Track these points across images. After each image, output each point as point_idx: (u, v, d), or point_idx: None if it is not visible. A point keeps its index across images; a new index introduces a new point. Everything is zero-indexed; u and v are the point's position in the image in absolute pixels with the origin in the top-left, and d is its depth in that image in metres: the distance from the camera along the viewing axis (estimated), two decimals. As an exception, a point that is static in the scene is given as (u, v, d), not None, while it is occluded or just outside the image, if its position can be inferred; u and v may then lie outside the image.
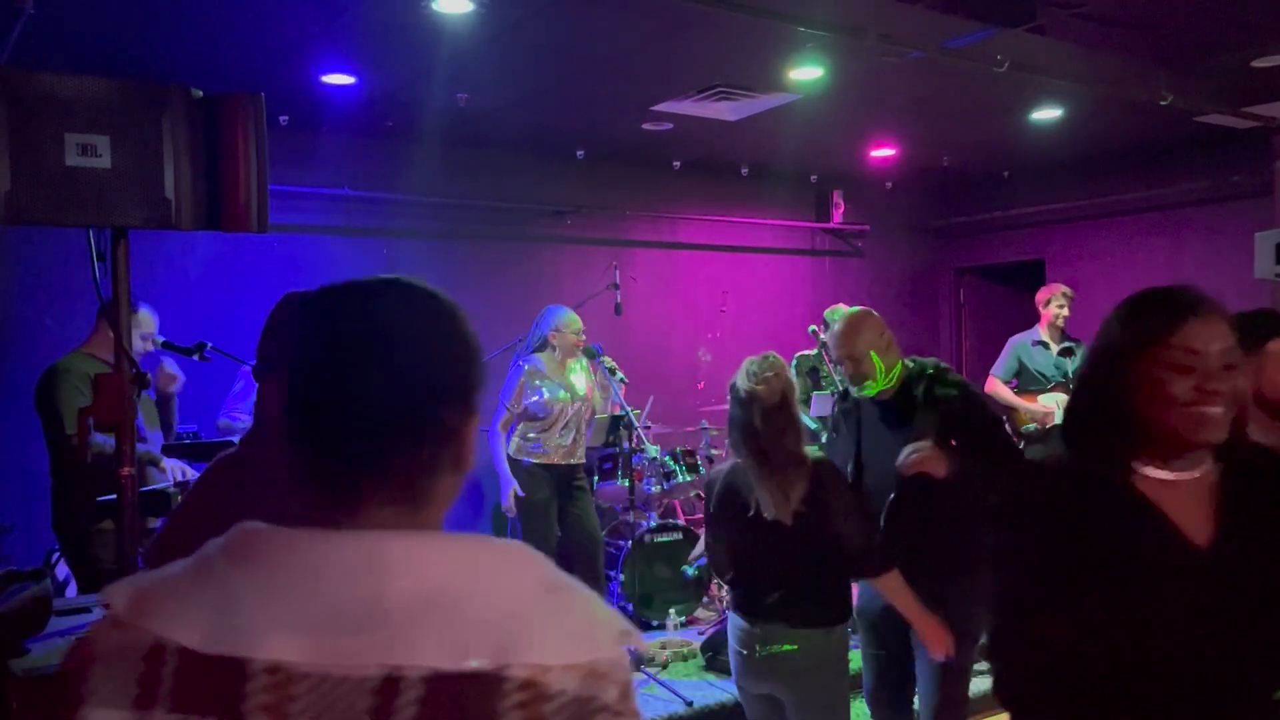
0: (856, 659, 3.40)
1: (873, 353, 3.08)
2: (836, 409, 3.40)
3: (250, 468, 1.64)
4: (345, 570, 0.81)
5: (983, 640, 4.58)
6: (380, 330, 0.85)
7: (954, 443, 3.02)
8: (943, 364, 3.23)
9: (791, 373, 2.91)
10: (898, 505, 3.05)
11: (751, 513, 2.81)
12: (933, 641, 2.92)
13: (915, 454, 2.93)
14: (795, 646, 2.80)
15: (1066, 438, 1.66)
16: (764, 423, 2.77)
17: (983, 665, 4.74)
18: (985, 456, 3.01)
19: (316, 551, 0.83)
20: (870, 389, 3.12)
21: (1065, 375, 6.25)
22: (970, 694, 3.19)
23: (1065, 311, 6.27)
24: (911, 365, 3.20)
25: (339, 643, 0.79)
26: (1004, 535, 1.64)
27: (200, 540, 0.90)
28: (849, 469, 3.19)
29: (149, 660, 0.81)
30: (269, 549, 0.84)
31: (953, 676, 3.10)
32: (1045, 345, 6.30)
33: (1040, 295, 6.36)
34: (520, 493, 5.10)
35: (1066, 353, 6.30)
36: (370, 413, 0.84)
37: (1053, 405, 6.15)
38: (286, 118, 5.87)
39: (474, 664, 0.79)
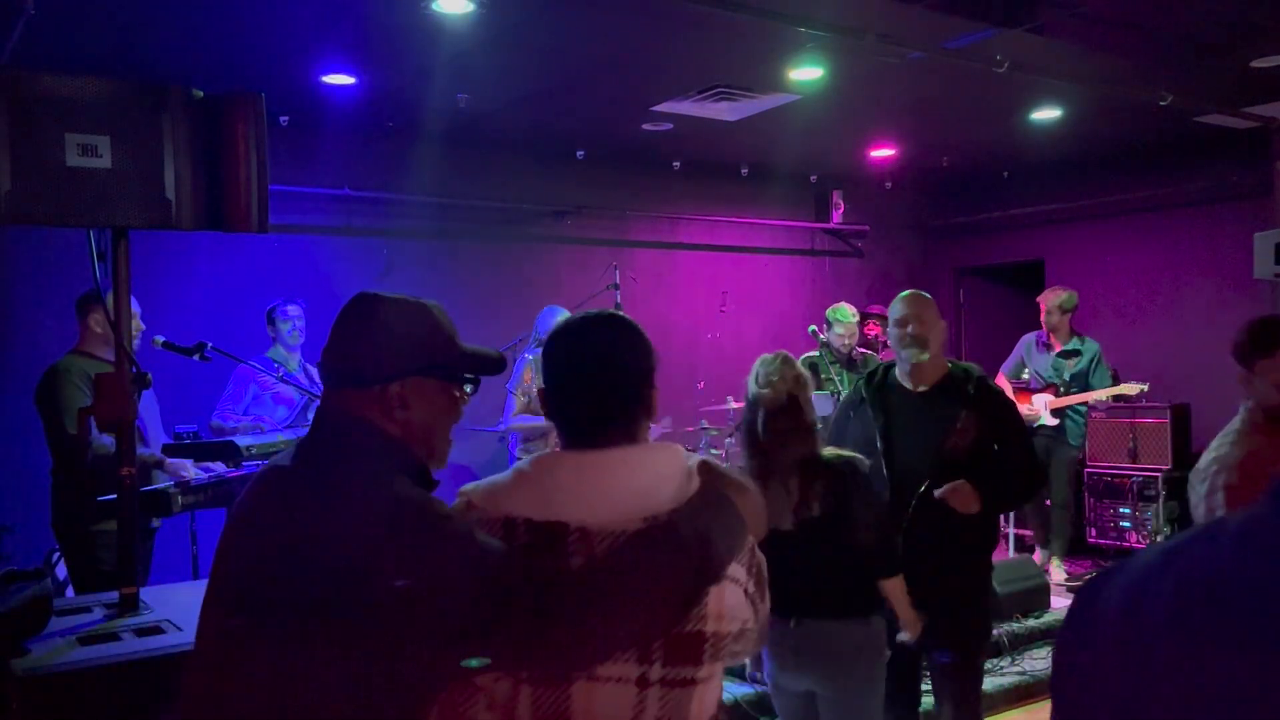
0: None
1: (933, 323, 3.22)
2: (860, 390, 3.39)
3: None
4: (611, 469, 1.44)
5: (995, 636, 4.58)
6: (606, 349, 1.50)
7: (995, 446, 3.13)
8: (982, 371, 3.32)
9: (804, 371, 2.91)
10: (928, 496, 3.04)
11: None
12: (909, 624, 2.94)
13: (953, 490, 2.98)
14: (835, 636, 2.81)
15: None
16: (767, 427, 2.76)
17: (1002, 661, 4.78)
18: (1013, 470, 3.14)
19: (591, 461, 1.45)
20: (916, 356, 3.18)
21: (1060, 377, 6.24)
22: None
23: (1054, 322, 6.30)
24: (952, 365, 3.29)
25: (616, 509, 1.40)
26: None
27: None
28: (878, 449, 3.15)
29: (505, 526, 1.42)
30: (566, 461, 1.48)
31: (970, 675, 3.10)
32: (1048, 346, 6.29)
33: (1043, 300, 6.38)
34: None
35: (1069, 355, 6.29)
36: (607, 397, 1.48)
37: (1040, 407, 6.14)
38: (286, 118, 5.87)
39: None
